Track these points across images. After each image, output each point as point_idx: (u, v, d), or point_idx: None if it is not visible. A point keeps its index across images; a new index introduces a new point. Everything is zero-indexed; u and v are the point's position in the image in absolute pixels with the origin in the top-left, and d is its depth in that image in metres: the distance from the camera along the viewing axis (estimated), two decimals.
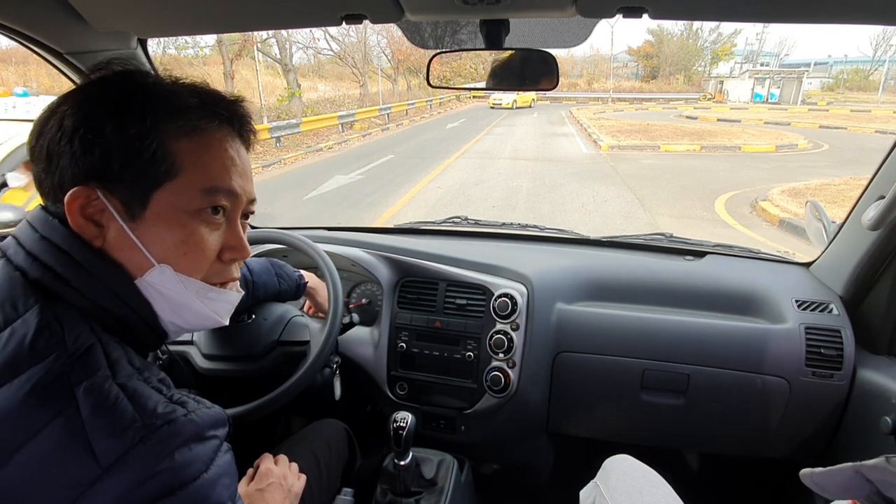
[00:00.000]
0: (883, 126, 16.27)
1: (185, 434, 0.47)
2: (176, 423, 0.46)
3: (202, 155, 0.56)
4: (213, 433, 0.50)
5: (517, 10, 0.81)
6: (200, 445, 0.48)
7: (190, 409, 0.49)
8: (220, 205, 0.57)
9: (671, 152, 11.63)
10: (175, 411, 0.47)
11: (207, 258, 0.58)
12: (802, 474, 0.61)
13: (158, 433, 0.45)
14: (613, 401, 1.27)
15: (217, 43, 15.95)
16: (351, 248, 1.37)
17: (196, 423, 0.48)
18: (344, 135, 14.86)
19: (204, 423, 0.49)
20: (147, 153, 0.52)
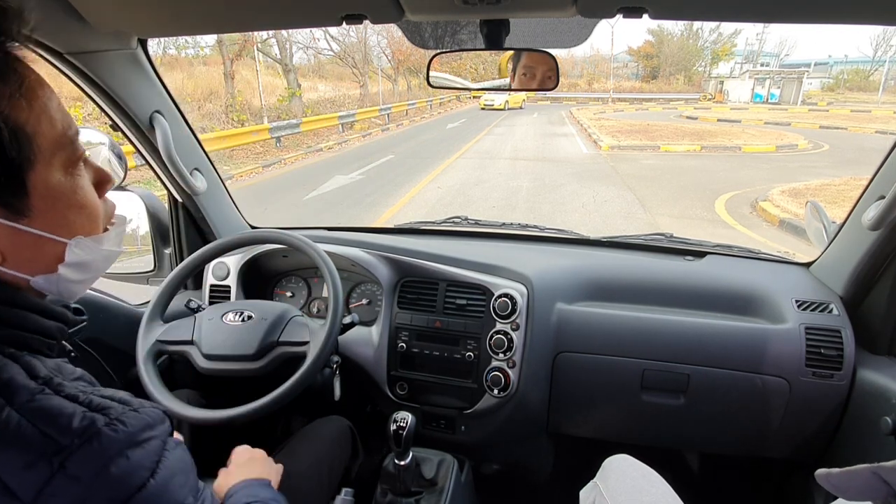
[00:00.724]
0: (883, 126, 16.26)
1: (115, 444, 0.43)
2: (99, 436, 0.43)
3: (35, 109, 0.47)
4: (149, 434, 0.47)
5: (517, 10, 0.81)
6: (139, 450, 0.45)
7: (114, 415, 0.45)
8: (79, 152, 0.52)
9: (671, 152, 11.63)
10: (95, 422, 0.43)
11: (98, 206, 0.55)
12: (818, 475, 0.61)
13: (79, 453, 0.42)
14: (613, 401, 1.27)
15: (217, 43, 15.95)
16: (351, 248, 1.37)
17: (125, 428, 0.45)
18: (344, 135, 14.86)
19: (135, 426, 0.46)
20: None
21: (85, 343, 1.17)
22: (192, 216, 1.43)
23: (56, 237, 0.50)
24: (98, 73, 1.04)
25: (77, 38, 0.96)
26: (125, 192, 1.35)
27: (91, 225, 0.54)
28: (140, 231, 1.41)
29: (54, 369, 0.48)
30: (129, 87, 1.12)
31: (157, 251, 1.42)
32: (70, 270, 0.52)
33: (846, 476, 0.59)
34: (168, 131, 1.19)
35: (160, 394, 0.99)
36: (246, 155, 11.38)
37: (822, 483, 0.60)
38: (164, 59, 17.87)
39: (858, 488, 0.58)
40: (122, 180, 1.27)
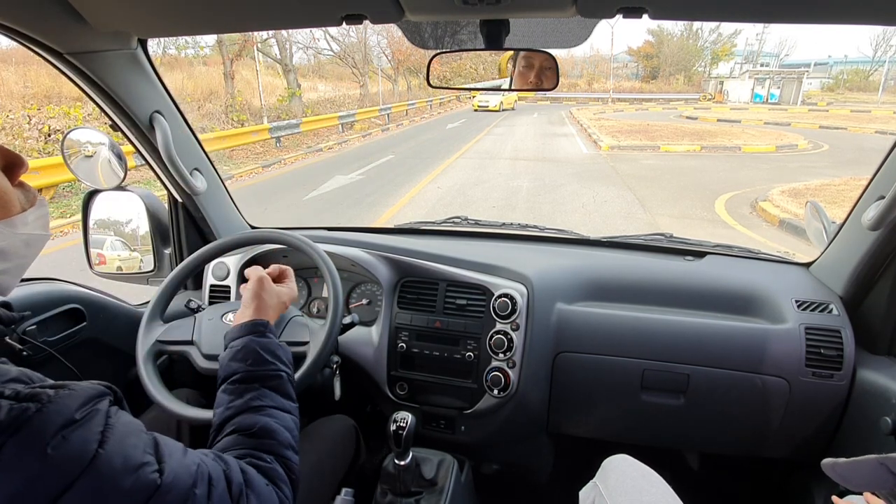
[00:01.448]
0: (883, 126, 16.27)
1: (49, 428, 0.43)
2: (30, 423, 0.42)
3: None
4: (87, 410, 0.46)
5: (517, 10, 0.81)
6: (78, 428, 0.45)
7: (44, 400, 0.44)
8: None
9: (671, 152, 11.63)
10: (25, 411, 0.43)
11: (10, 191, 0.53)
12: (825, 464, 0.61)
13: (11, 444, 0.41)
14: (613, 401, 1.27)
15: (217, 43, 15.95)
16: (351, 249, 1.37)
17: (59, 410, 0.44)
18: (344, 135, 14.86)
19: (70, 406, 0.45)
20: None
21: (85, 343, 1.17)
22: (192, 216, 1.43)
23: None
24: (98, 73, 1.04)
25: (77, 38, 0.96)
26: (125, 192, 1.35)
27: (2, 210, 0.52)
28: (140, 231, 1.41)
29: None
30: (129, 87, 1.12)
31: (157, 251, 1.42)
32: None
33: (852, 466, 0.59)
34: (168, 131, 1.19)
35: (160, 394, 0.99)
36: (246, 155, 11.38)
37: (828, 472, 0.60)
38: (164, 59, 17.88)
39: (864, 478, 0.58)
40: (122, 180, 1.27)
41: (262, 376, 0.72)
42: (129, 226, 1.41)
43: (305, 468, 1.01)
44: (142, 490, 0.47)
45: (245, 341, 0.76)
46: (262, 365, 0.73)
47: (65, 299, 1.14)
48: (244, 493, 0.56)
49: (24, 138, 8.28)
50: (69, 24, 0.90)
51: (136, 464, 0.47)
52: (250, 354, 0.74)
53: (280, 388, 0.73)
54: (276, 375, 0.73)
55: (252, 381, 0.71)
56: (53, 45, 0.95)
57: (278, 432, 0.67)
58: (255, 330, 0.78)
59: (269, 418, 0.68)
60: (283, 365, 0.76)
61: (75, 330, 1.15)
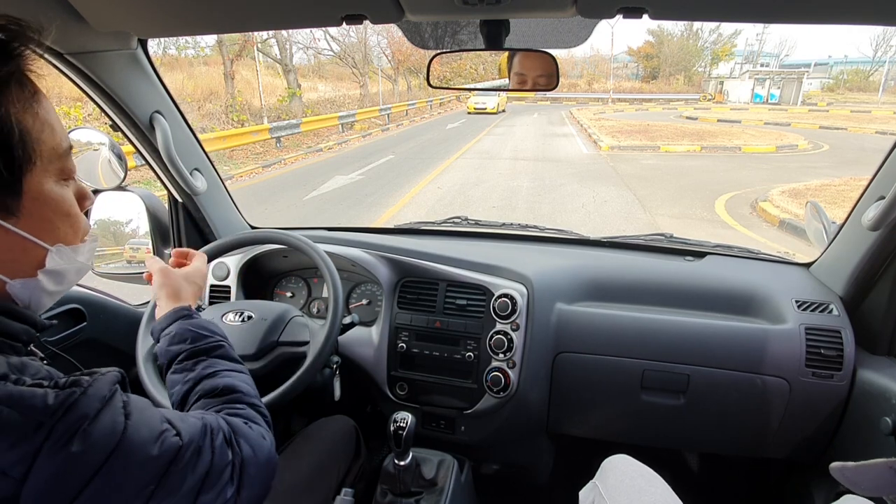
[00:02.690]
0: (883, 127, 16.28)
1: (90, 408, 0.47)
2: (77, 405, 0.46)
3: (41, 117, 0.52)
4: (111, 389, 0.50)
5: (517, 10, 0.81)
6: (108, 407, 0.48)
7: (85, 384, 0.48)
8: (72, 166, 0.56)
9: (671, 153, 11.63)
10: (71, 395, 0.46)
11: (81, 218, 0.58)
12: (832, 468, 0.61)
13: (61, 425, 0.44)
14: (613, 401, 1.27)
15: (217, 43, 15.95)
16: (351, 249, 1.37)
17: (95, 393, 0.48)
18: (344, 135, 14.86)
19: (102, 387, 0.49)
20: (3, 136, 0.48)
21: (85, 343, 1.17)
22: (192, 216, 1.43)
23: (40, 242, 0.53)
24: (98, 73, 1.05)
25: (77, 38, 0.96)
26: (125, 192, 1.35)
27: (73, 235, 0.57)
28: (140, 231, 1.41)
29: (17, 367, 0.49)
30: (129, 87, 1.12)
31: (157, 251, 1.42)
32: (47, 278, 0.55)
33: (861, 470, 0.59)
34: (168, 131, 1.20)
35: (160, 394, 0.99)
36: (246, 155, 11.38)
37: (836, 476, 0.60)
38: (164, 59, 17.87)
39: (872, 482, 0.58)
40: (122, 180, 1.27)
41: (206, 349, 0.75)
42: (129, 226, 1.41)
43: (305, 468, 1.01)
44: (167, 453, 0.51)
45: (177, 326, 0.78)
46: (202, 340, 0.75)
47: (65, 299, 1.14)
48: (233, 438, 0.60)
49: None
50: (69, 24, 0.90)
51: (158, 431, 0.51)
52: (187, 334, 0.76)
53: (226, 355, 0.76)
54: (218, 345, 0.76)
55: (198, 354, 0.74)
56: (53, 45, 0.95)
57: (240, 387, 0.70)
58: (181, 315, 0.80)
59: (228, 378, 0.71)
60: (220, 337, 0.78)
61: (75, 330, 1.15)
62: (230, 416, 0.64)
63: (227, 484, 0.56)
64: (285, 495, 0.94)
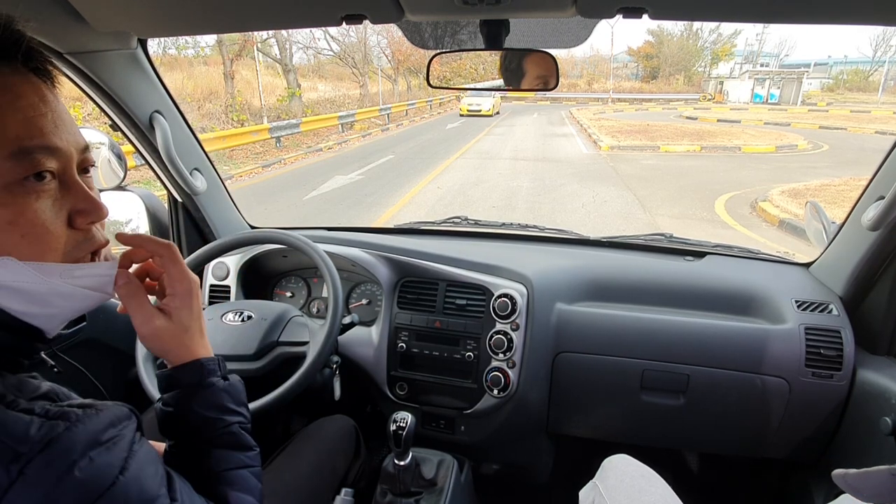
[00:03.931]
0: (883, 127, 16.27)
1: (77, 447, 0.42)
2: (59, 441, 0.41)
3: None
4: (114, 433, 0.46)
5: (517, 10, 0.81)
6: (104, 451, 0.44)
7: (73, 419, 0.43)
8: (44, 169, 0.47)
9: (671, 153, 11.63)
10: (54, 428, 0.42)
11: (54, 234, 0.48)
12: (835, 475, 0.61)
13: (38, 460, 0.40)
14: (613, 401, 1.27)
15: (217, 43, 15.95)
16: (351, 249, 1.37)
17: (87, 430, 0.44)
18: (344, 135, 14.86)
19: (98, 427, 0.44)
20: None
21: (85, 343, 1.17)
22: (192, 216, 1.43)
23: None
24: (98, 73, 1.04)
25: (77, 38, 0.96)
26: (125, 192, 1.35)
27: (36, 250, 0.47)
28: (140, 231, 1.41)
29: (13, 386, 0.45)
30: (129, 87, 1.12)
31: None
32: (8, 295, 0.47)
33: (863, 477, 0.59)
34: (168, 131, 1.19)
35: (159, 394, 0.99)
36: (246, 155, 11.37)
37: (838, 483, 0.60)
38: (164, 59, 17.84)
39: (875, 489, 0.58)
40: (122, 180, 1.27)
41: (210, 439, 0.62)
42: (129, 226, 1.41)
43: (305, 468, 1.01)
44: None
45: (173, 398, 0.65)
46: (203, 430, 0.63)
47: None
48: None
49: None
50: (69, 24, 0.90)
51: (151, 496, 0.47)
52: (193, 418, 0.63)
53: (233, 443, 0.64)
54: (226, 432, 0.64)
55: (202, 444, 0.62)
56: (53, 45, 0.95)
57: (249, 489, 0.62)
58: (183, 382, 0.66)
59: (231, 486, 0.60)
60: (231, 416, 0.65)
61: (75, 330, 1.15)
62: None
63: None
64: (285, 495, 0.94)
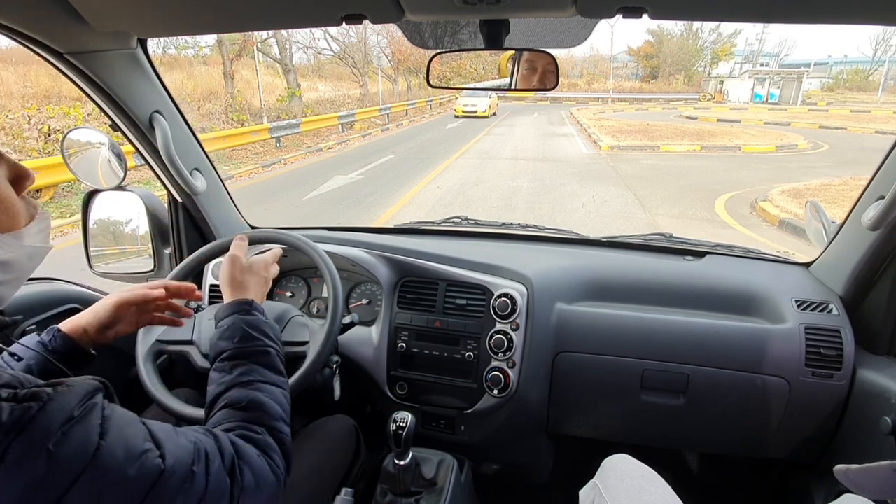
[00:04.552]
0: (883, 126, 16.27)
1: (51, 426, 0.43)
2: (34, 423, 0.42)
3: None
4: (86, 405, 0.47)
5: (517, 10, 0.81)
6: (78, 425, 0.45)
7: (45, 398, 0.44)
8: None
9: (671, 152, 11.63)
10: (27, 411, 0.43)
11: (14, 201, 0.54)
12: (837, 471, 0.61)
13: (17, 444, 0.41)
14: (613, 401, 1.27)
15: (217, 43, 15.95)
16: (351, 248, 1.37)
17: (61, 407, 0.44)
18: (344, 135, 14.86)
19: (71, 402, 0.46)
20: None
21: None
22: (192, 216, 1.43)
23: None
24: (98, 73, 1.04)
25: (77, 38, 0.96)
26: (125, 192, 1.35)
27: (8, 221, 0.53)
28: (140, 231, 1.41)
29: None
30: (129, 87, 1.12)
31: (157, 251, 1.41)
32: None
33: (865, 473, 0.59)
34: (168, 131, 1.19)
35: (160, 393, 0.99)
36: (246, 155, 11.37)
37: (840, 479, 0.60)
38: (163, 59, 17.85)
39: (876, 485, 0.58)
40: (121, 180, 1.27)
41: (250, 352, 0.73)
42: (129, 226, 1.41)
43: (305, 468, 1.01)
44: (147, 476, 0.48)
45: (231, 320, 0.77)
46: (250, 341, 0.74)
47: (64, 299, 1.14)
48: (236, 465, 0.57)
49: (24, 138, 8.26)
50: (69, 24, 0.90)
51: (138, 451, 0.48)
52: (237, 332, 0.75)
53: (268, 363, 0.74)
54: (263, 351, 0.75)
55: (240, 357, 0.73)
56: (53, 44, 0.95)
57: (267, 405, 0.68)
58: (240, 308, 0.79)
59: (259, 392, 0.69)
60: (269, 340, 0.77)
61: None
62: (244, 439, 0.62)
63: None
64: (285, 495, 0.94)
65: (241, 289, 0.84)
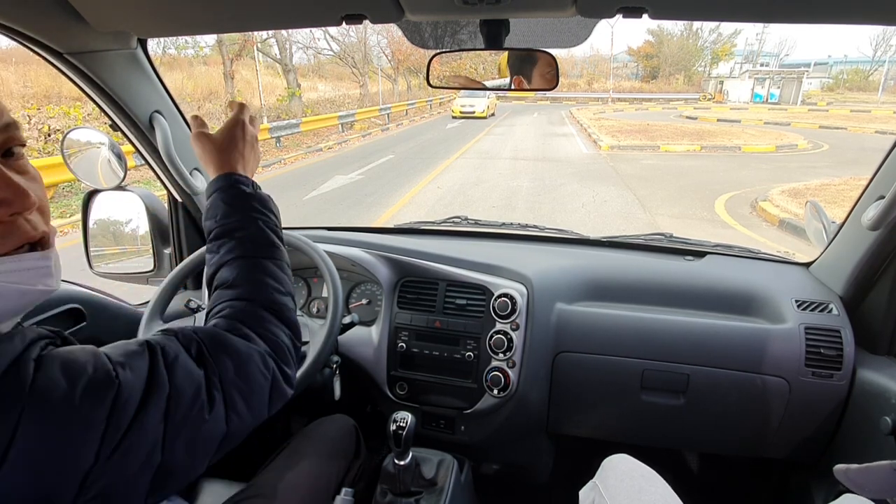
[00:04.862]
0: (883, 126, 16.27)
1: None
2: None
3: None
4: (28, 351, 0.46)
5: (517, 10, 0.81)
6: (13, 366, 0.44)
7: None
8: None
9: (671, 152, 11.63)
10: None
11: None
12: (837, 470, 0.61)
13: None
14: (613, 401, 1.27)
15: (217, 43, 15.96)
16: (351, 248, 1.37)
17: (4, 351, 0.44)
18: (344, 135, 14.86)
19: (13, 350, 0.45)
20: None
21: (85, 343, 1.17)
22: (192, 216, 1.43)
23: None
24: (98, 73, 1.04)
25: (77, 38, 0.96)
26: (125, 192, 1.35)
27: None
28: (140, 231, 1.41)
29: None
30: (129, 86, 1.12)
31: (157, 251, 1.41)
32: None
33: (865, 472, 0.59)
34: (168, 131, 1.19)
35: None
36: None
37: (840, 478, 0.60)
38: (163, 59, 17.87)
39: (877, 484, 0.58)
40: (121, 180, 1.27)
41: (229, 229, 0.71)
42: (129, 226, 1.41)
43: (305, 468, 1.01)
44: (98, 386, 0.46)
45: (213, 199, 0.75)
46: (229, 217, 0.72)
47: (64, 299, 1.14)
48: (207, 353, 0.55)
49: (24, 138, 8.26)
50: (69, 23, 0.90)
51: (80, 367, 0.47)
52: (217, 210, 0.73)
53: (250, 239, 0.71)
54: (238, 226, 0.71)
55: (223, 235, 0.71)
56: (53, 44, 0.95)
57: (257, 280, 0.66)
58: (218, 185, 0.75)
59: (228, 270, 0.68)
60: (254, 213, 0.73)
61: (75, 330, 1.15)
62: (229, 319, 0.61)
63: (203, 406, 0.52)
64: (285, 495, 0.94)
65: (221, 161, 0.77)
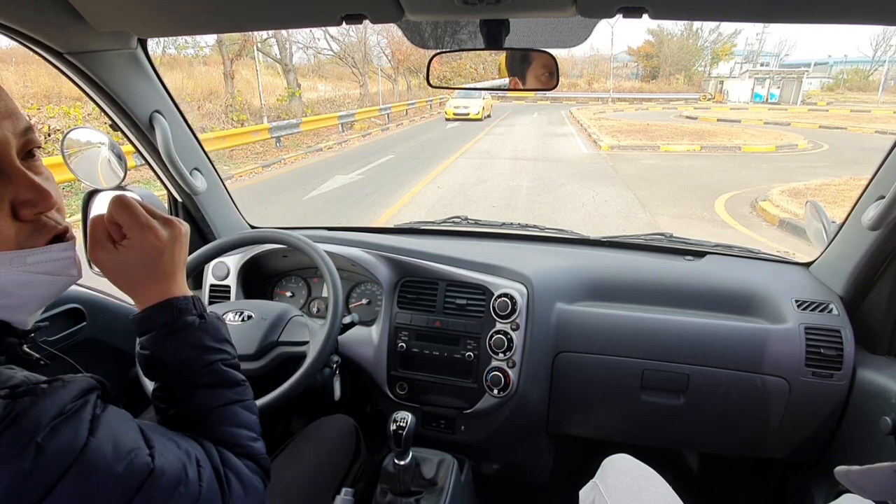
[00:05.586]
0: (883, 126, 16.26)
1: (41, 420, 0.43)
2: (26, 416, 0.42)
3: None
4: (78, 402, 0.46)
5: (517, 10, 0.81)
6: (66, 420, 0.44)
7: (39, 393, 0.44)
8: None
9: (671, 152, 11.63)
10: (15, 407, 0.42)
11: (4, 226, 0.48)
12: (837, 472, 0.61)
13: (6, 436, 0.41)
14: (613, 401, 1.27)
15: (217, 43, 15.95)
16: (351, 248, 1.37)
17: (54, 402, 0.44)
18: (344, 135, 14.85)
19: (65, 398, 0.45)
20: None
21: (85, 343, 1.17)
22: (192, 216, 1.43)
23: None
24: (98, 73, 1.05)
25: (77, 38, 0.96)
26: (125, 192, 1.35)
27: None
28: None
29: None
30: (129, 86, 1.12)
31: None
32: None
33: (865, 474, 0.59)
34: (168, 131, 1.20)
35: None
36: (246, 155, 11.37)
37: (841, 480, 0.60)
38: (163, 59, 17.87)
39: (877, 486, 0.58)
40: (121, 180, 1.27)
41: (182, 381, 0.61)
42: None
43: (305, 468, 1.01)
44: (136, 474, 0.47)
45: (151, 340, 0.61)
46: (178, 368, 0.61)
47: (64, 299, 1.14)
48: (222, 472, 0.56)
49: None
50: (69, 23, 0.90)
51: (127, 449, 0.47)
52: (159, 356, 0.60)
53: (219, 380, 0.62)
54: (193, 380, 0.61)
55: (174, 387, 0.61)
56: (53, 44, 0.95)
57: (229, 434, 0.61)
58: (156, 322, 0.61)
59: (219, 421, 0.61)
60: (209, 354, 0.62)
61: (75, 330, 1.15)
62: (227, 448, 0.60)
63: None
64: (285, 495, 0.94)
65: (168, 274, 0.61)
